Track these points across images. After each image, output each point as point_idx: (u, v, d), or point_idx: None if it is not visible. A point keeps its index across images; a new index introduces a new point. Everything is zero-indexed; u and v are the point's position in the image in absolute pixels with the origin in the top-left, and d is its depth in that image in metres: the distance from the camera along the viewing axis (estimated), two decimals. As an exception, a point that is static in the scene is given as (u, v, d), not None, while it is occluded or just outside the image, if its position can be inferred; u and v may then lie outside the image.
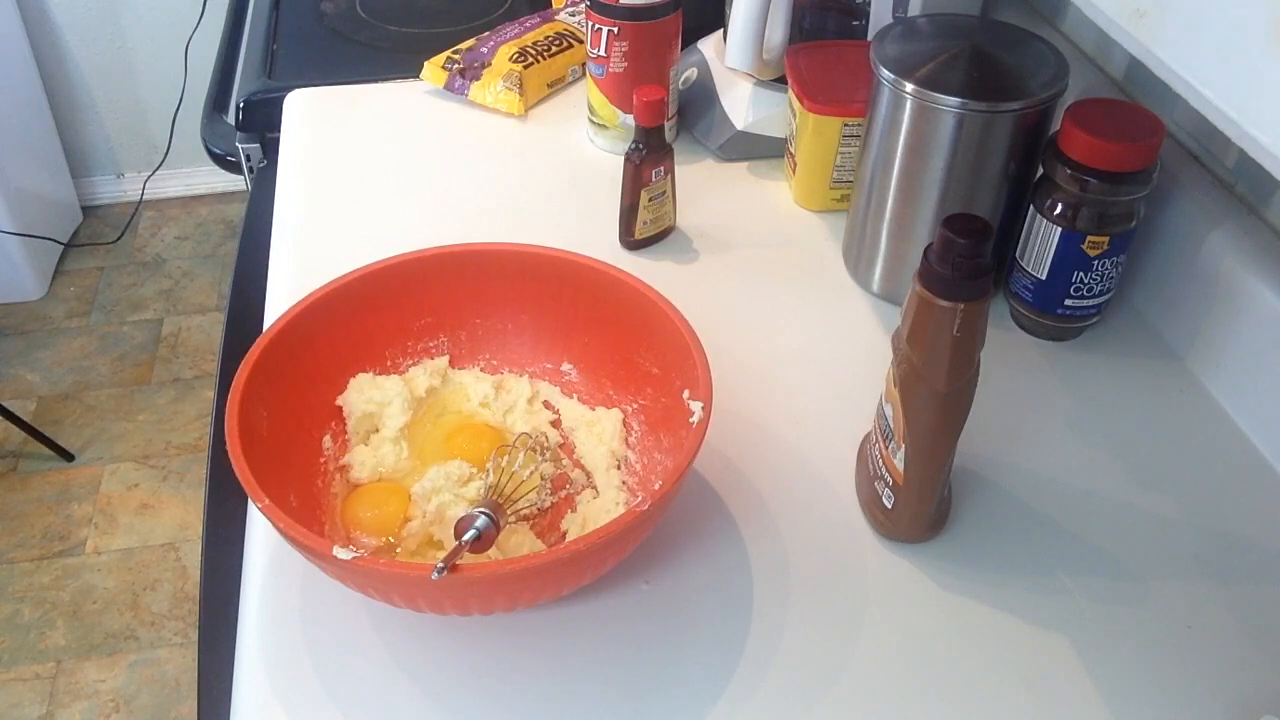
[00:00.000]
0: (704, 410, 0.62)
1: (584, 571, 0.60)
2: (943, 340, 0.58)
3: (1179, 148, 0.84)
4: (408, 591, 0.58)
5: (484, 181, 1.00)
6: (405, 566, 0.60)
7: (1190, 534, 0.69)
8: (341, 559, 0.54)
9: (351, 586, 0.59)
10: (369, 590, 0.59)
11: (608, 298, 0.72)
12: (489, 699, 0.60)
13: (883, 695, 0.60)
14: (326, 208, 0.95)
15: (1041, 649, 0.63)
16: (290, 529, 0.55)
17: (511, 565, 0.57)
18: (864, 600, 0.65)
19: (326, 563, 0.56)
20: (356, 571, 0.55)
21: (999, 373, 0.69)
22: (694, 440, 0.60)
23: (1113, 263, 0.78)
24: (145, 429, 2.05)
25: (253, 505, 0.69)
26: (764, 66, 0.96)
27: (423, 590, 0.57)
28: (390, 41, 1.26)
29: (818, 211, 0.97)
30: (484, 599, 0.59)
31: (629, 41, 0.95)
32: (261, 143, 1.15)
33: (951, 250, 0.56)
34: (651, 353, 0.70)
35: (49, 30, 2.32)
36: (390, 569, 0.58)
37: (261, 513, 0.56)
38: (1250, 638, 0.64)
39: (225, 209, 2.58)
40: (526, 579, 0.57)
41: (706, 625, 0.64)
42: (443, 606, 0.59)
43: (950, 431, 0.63)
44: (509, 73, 1.09)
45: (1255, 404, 0.76)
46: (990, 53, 0.78)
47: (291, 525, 0.55)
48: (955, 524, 0.69)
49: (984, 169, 0.78)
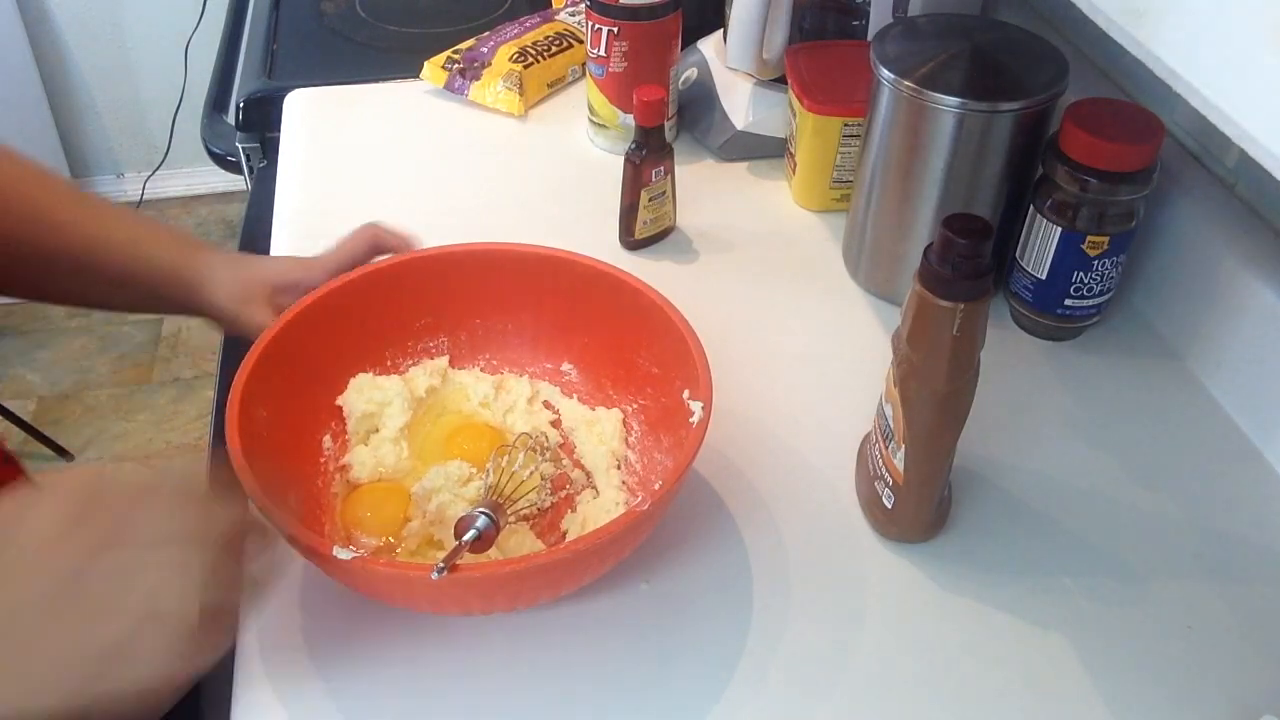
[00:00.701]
0: (704, 410, 0.62)
1: (584, 571, 0.60)
2: (943, 340, 0.58)
3: (1179, 148, 0.83)
4: (408, 592, 0.58)
5: (484, 181, 1.00)
6: (405, 567, 0.60)
7: (1190, 534, 0.69)
8: (341, 559, 0.54)
9: (352, 587, 0.59)
10: (369, 591, 0.59)
11: (608, 297, 0.72)
12: (489, 699, 0.60)
13: (883, 695, 0.60)
14: (326, 207, 0.95)
15: (1041, 649, 0.63)
16: (291, 529, 0.55)
17: (512, 565, 0.57)
18: (864, 600, 0.65)
19: (327, 563, 0.56)
20: (356, 572, 0.55)
21: (999, 373, 0.69)
22: (694, 440, 0.60)
23: (1113, 263, 0.78)
24: (145, 429, 2.05)
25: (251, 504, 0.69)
26: (764, 66, 0.96)
27: (423, 590, 0.57)
28: (390, 41, 1.26)
29: (818, 211, 0.97)
30: (484, 599, 0.59)
31: (629, 41, 0.95)
32: (261, 143, 1.15)
33: (951, 250, 0.56)
34: (651, 353, 0.70)
35: (49, 30, 2.32)
36: (390, 569, 0.58)
37: (261, 513, 0.56)
38: (1250, 638, 0.64)
39: (225, 209, 2.58)
40: (527, 579, 0.57)
41: (706, 625, 0.63)
42: (443, 606, 0.59)
43: (950, 431, 0.63)
44: (509, 73, 1.09)
45: (1255, 404, 0.76)
46: (990, 53, 0.78)
47: (292, 525, 0.55)
48: (955, 524, 0.69)
49: (984, 169, 0.78)
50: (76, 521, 0.45)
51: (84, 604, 0.44)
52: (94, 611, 0.45)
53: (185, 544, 0.48)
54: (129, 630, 0.45)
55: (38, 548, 0.45)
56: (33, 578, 0.44)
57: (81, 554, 0.45)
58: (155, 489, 0.48)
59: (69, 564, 0.45)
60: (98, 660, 0.44)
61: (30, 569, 0.45)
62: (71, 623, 0.44)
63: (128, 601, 0.45)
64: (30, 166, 0.71)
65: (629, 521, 0.57)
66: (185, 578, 0.47)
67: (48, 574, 0.44)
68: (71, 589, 0.44)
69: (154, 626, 0.45)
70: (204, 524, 0.49)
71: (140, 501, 0.48)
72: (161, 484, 0.49)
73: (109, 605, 0.45)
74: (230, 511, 0.51)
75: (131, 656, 0.45)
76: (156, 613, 0.46)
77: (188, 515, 0.49)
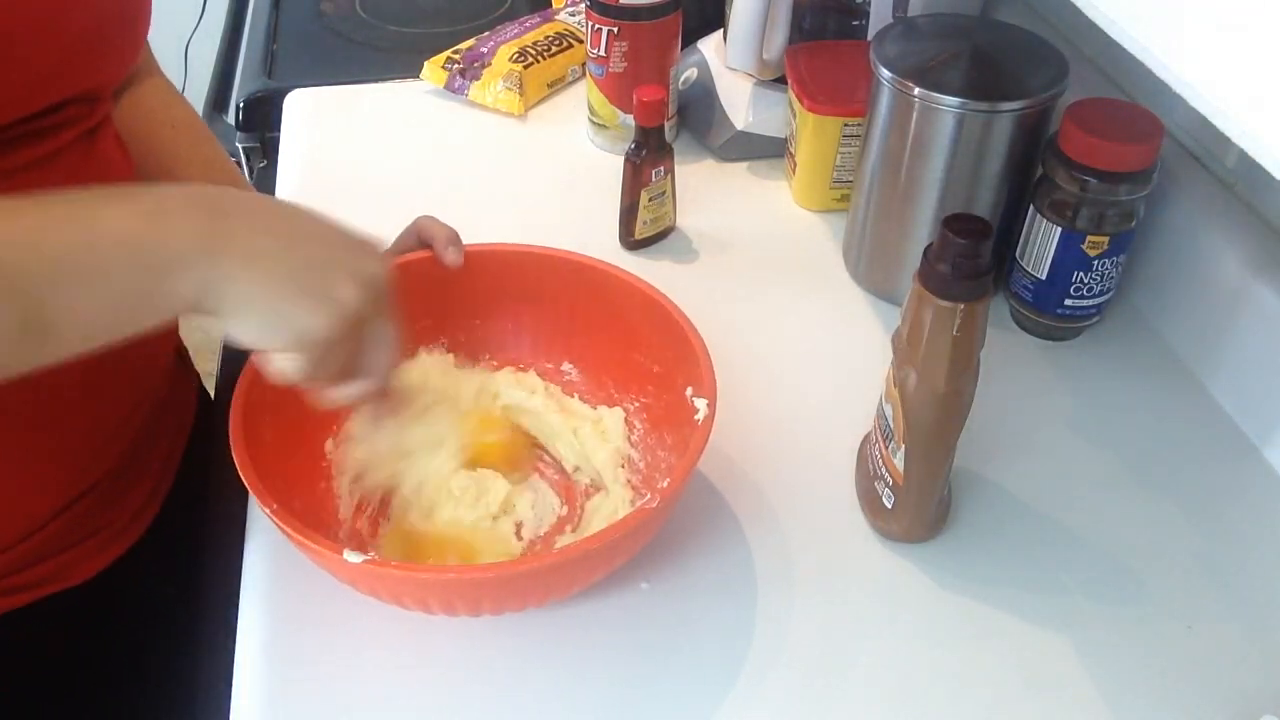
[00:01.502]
0: (709, 407, 0.62)
1: (595, 569, 0.60)
2: (943, 340, 0.58)
3: (1179, 148, 0.83)
4: (418, 593, 0.58)
5: (484, 181, 1.00)
6: (416, 568, 0.60)
7: (1190, 534, 0.69)
8: (353, 563, 0.53)
9: (363, 590, 0.59)
10: (379, 593, 0.59)
11: (608, 297, 0.72)
12: (491, 700, 0.60)
13: (883, 695, 0.60)
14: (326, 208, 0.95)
15: (1041, 649, 0.63)
16: (299, 533, 0.55)
17: (524, 565, 0.57)
18: (864, 600, 0.65)
19: (336, 567, 0.55)
20: (367, 575, 0.55)
21: (999, 373, 0.69)
22: (700, 437, 0.60)
23: (1113, 263, 0.78)
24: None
25: (253, 507, 0.69)
26: (764, 66, 0.96)
27: (433, 591, 0.57)
28: (390, 41, 1.26)
29: (818, 211, 0.97)
30: (496, 599, 0.59)
31: (629, 41, 0.95)
32: (261, 143, 1.15)
33: (951, 250, 0.56)
34: (653, 351, 0.70)
35: (49, 30, 2.31)
36: (402, 571, 0.58)
37: (270, 517, 0.56)
38: (1250, 638, 0.64)
39: (225, 209, 2.58)
40: (539, 578, 0.57)
41: (706, 624, 0.63)
42: (454, 608, 0.59)
43: (950, 431, 0.63)
44: (509, 73, 1.09)
45: (1255, 404, 0.76)
46: (990, 53, 0.78)
47: (300, 530, 0.55)
48: (955, 524, 0.69)
49: (984, 169, 0.78)
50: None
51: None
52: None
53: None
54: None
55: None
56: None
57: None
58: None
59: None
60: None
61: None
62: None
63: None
64: (190, 120, 0.80)
65: (641, 519, 0.57)
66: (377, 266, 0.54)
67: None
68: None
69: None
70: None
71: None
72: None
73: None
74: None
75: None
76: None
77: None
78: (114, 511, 0.70)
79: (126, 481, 0.70)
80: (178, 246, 0.47)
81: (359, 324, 0.52)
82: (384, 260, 0.55)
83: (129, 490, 0.71)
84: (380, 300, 0.54)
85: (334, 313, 0.51)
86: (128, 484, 0.70)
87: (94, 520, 0.68)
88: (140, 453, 0.71)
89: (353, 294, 0.51)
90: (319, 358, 0.52)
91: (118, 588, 0.71)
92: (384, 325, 0.55)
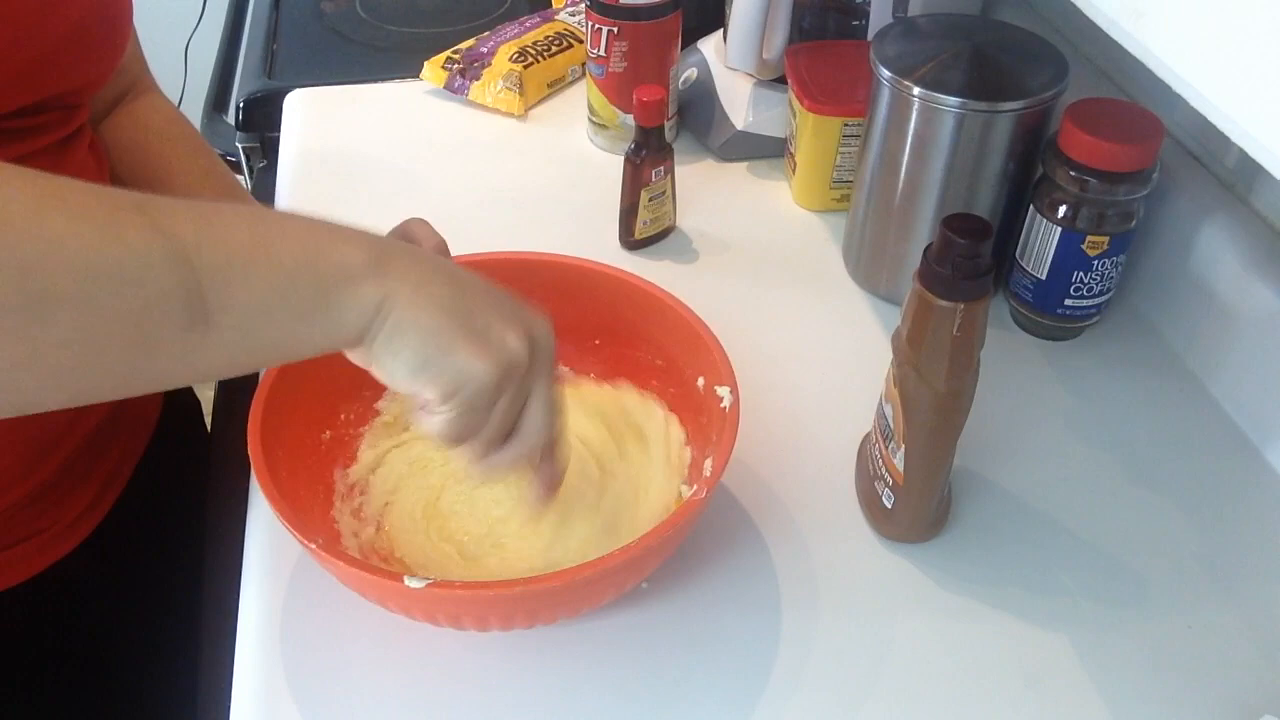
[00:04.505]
0: (733, 394, 0.63)
1: (644, 567, 0.60)
2: (943, 340, 0.58)
3: (1179, 148, 0.84)
4: (479, 612, 0.55)
5: (484, 181, 1.00)
6: (483, 586, 0.55)
7: (1190, 534, 0.69)
8: (416, 588, 0.52)
9: (419, 617, 0.57)
10: (437, 617, 0.56)
11: (596, 294, 0.72)
12: (498, 710, 0.59)
13: (882, 695, 0.60)
14: (326, 208, 0.95)
15: (1041, 649, 0.63)
16: (354, 565, 0.54)
17: (582, 571, 0.54)
18: (863, 600, 0.65)
19: (391, 596, 0.54)
20: (429, 600, 0.53)
21: (999, 373, 0.69)
22: (731, 424, 0.61)
23: (1113, 263, 0.78)
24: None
25: (254, 507, 0.69)
26: (764, 66, 0.96)
27: (494, 608, 0.55)
28: (390, 41, 1.26)
29: (818, 211, 0.97)
30: (550, 608, 0.57)
31: (629, 41, 0.95)
32: (261, 143, 1.15)
33: (951, 250, 0.56)
34: (656, 347, 0.71)
35: (49, 30, 2.32)
36: (468, 591, 0.54)
37: (312, 555, 0.54)
38: (1250, 638, 0.64)
39: (225, 209, 2.58)
40: (602, 579, 0.56)
41: (705, 624, 0.63)
42: (515, 621, 0.57)
43: (950, 431, 0.63)
44: (509, 73, 1.09)
45: (1255, 404, 0.76)
46: (990, 53, 0.78)
47: (353, 563, 0.54)
48: (955, 524, 0.69)
49: (984, 169, 0.78)
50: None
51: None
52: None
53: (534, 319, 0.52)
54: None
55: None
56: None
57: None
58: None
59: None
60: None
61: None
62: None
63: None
64: (185, 133, 0.78)
65: (694, 509, 0.57)
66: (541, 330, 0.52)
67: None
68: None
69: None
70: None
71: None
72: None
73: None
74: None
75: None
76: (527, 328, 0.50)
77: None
78: (51, 516, 0.68)
79: (62, 491, 0.68)
80: (348, 259, 0.46)
81: (520, 378, 0.49)
82: (550, 323, 0.52)
83: (68, 496, 0.69)
84: (545, 359, 0.51)
85: (497, 359, 0.48)
86: (64, 493, 0.68)
87: (31, 524, 0.67)
88: (79, 467, 0.69)
89: (519, 344, 0.49)
90: (474, 408, 0.49)
91: (60, 590, 0.70)
92: (546, 386, 0.52)
